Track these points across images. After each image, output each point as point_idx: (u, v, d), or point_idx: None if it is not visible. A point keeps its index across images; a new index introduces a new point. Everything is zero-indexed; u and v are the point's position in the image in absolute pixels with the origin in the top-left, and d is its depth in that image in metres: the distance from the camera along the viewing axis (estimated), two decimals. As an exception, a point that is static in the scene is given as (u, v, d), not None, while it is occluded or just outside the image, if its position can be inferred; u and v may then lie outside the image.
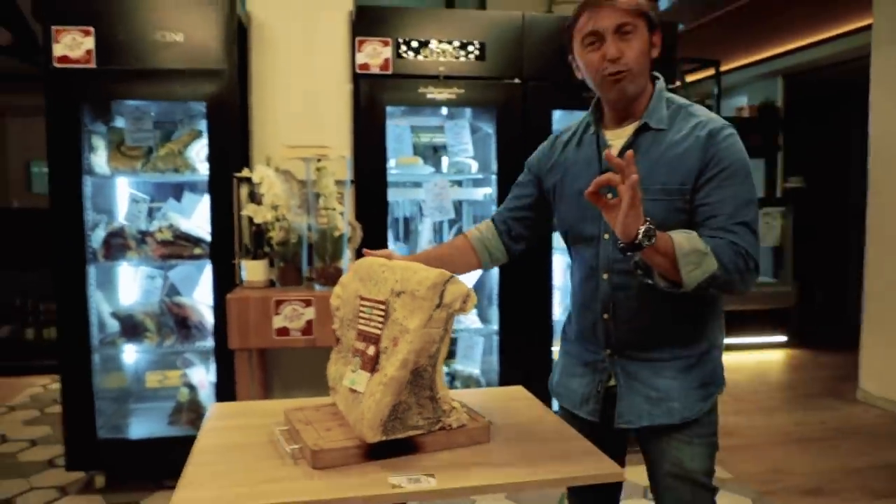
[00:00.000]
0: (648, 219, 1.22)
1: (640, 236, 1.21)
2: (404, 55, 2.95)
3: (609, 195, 1.24)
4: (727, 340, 1.58)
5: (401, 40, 2.94)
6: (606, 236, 1.43)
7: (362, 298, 1.37)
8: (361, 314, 1.36)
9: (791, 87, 6.24)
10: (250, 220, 2.59)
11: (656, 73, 1.47)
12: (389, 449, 1.25)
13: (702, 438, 1.45)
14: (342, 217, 2.62)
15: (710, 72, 6.06)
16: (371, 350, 1.31)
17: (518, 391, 1.73)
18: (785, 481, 2.96)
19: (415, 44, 2.95)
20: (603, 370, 1.49)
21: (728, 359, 1.53)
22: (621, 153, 1.39)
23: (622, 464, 1.63)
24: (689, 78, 6.08)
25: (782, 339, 5.61)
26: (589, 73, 1.42)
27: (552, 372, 1.69)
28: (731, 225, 1.32)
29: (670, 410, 1.43)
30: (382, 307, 1.32)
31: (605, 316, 1.46)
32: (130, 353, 3.03)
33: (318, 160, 2.60)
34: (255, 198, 2.61)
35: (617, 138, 1.45)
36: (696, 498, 1.44)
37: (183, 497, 1.11)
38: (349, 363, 1.37)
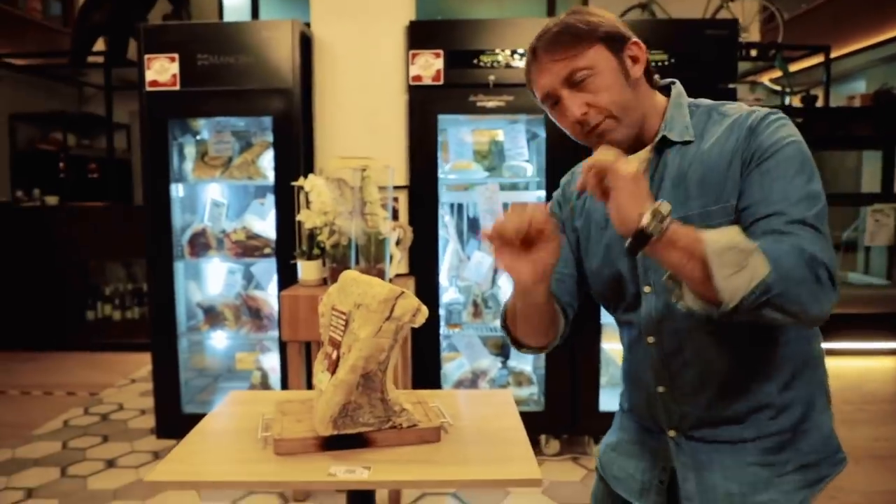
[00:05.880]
0: (662, 201, 0.93)
1: (644, 221, 0.91)
2: (456, 65, 3.09)
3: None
4: (828, 345, 1.26)
5: (452, 51, 3.09)
6: (647, 289, 1.16)
7: (333, 308, 1.56)
8: (332, 322, 1.56)
9: (915, 71, 5.71)
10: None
11: (672, 80, 1.21)
12: (342, 442, 1.43)
13: None
14: (385, 221, 2.82)
15: (820, 58, 5.65)
16: (335, 354, 1.50)
17: (503, 395, 1.85)
18: (840, 498, 2.83)
19: (465, 54, 3.09)
20: (666, 457, 1.20)
21: (827, 364, 1.19)
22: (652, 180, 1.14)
23: None
24: (796, 66, 5.71)
25: (894, 345, 5.20)
26: (572, 135, 1.18)
27: (602, 443, 1.40)
28: (785, 225, 0.96)
29: None
30: (344, 317, 1.50)
31: (661, 389, 1.18)
32: (219, 339, 3.44)
33: (364, 169, 2.82)
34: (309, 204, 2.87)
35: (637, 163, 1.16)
36: None
37: (162, 469, 1.35)
38: (322, 364, 1.57)
